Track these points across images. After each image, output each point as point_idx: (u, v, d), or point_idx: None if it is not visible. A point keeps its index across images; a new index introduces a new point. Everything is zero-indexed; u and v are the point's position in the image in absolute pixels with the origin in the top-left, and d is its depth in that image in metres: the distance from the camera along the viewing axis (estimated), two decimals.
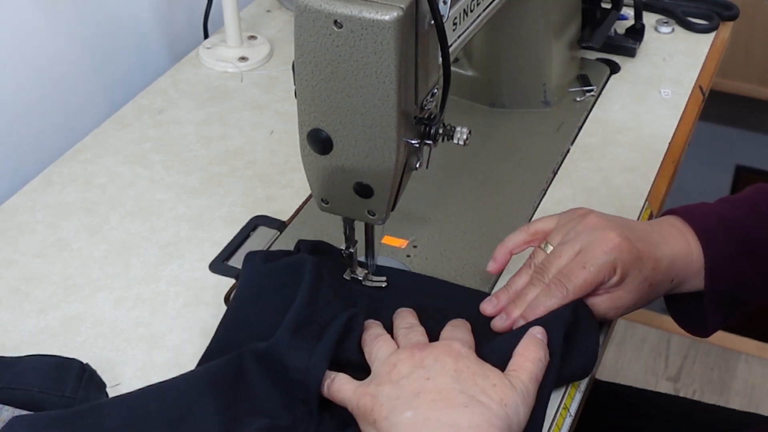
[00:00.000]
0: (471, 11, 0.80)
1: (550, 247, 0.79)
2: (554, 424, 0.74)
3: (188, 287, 0.87)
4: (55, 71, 1.07)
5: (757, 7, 2.23)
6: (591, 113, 1.10)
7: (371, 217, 0.77)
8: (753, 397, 2.13)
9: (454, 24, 0.77)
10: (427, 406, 0.66)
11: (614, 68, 1.18)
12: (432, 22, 0.68)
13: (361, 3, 0.65)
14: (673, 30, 1.26)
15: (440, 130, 0.75)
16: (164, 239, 0.93)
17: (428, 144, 0.75)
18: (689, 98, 1.13)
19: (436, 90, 0.74)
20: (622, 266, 0.76)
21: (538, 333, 0.74)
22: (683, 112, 1.11)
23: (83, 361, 0.76)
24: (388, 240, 0.90)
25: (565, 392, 0.77)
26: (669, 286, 0.80)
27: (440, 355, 0.70)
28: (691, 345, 2.24)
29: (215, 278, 0.88)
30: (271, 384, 0.74)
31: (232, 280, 0.88)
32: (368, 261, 0.84)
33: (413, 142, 0.73)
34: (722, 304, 0.82)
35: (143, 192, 0.99)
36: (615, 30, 1.20)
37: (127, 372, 0.79)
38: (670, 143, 1.06)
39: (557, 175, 1.01)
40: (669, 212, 0.84)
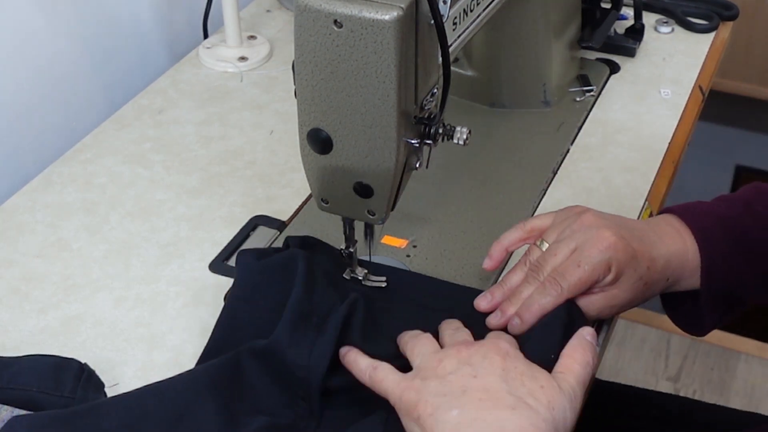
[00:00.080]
0: (471, 11, 0.80)
1: (546, 245, 0.79)
2: None
3: (188, 287, 0.87)
4: (55, 71, 1.07)
5: (757, 7, 2.23)
6: (591, 113, 1.10)
7: (371, 216, 0.77)
8: (753, 397, 2.13)
9: (454, 24, 0.77)
10: (474, 405, 0.65)
11: (614, 68, 1.18)
12: (432, 21, 0.68)
13: (361, 3, 0.65)
14: (672, 30, 1.26)
15: (440, 130, 0.75)
16: (164, 239, 0.93)
17: (428, 144, 0.75)
18: (689, 98, 1.13)
19: (436, 90, 0.74)
20: (617, 265, 0.76)
21: (587, 335, 0.73)
22: (683, 112, 1.11)
23: (82, 361, 0.76)
24: (388, 240, 0.90)
25: None
26: (664, 285, 0.80)
27: (488, 352, 0.69)
28: (691, 345, 2.23)
29: (215, 278, 0.88)
30: (270, 382, 0.74)
31: (232, 280, 0.88)
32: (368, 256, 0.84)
33: (413, 141, 0.73)
34: (718, 302, 0.81)
35: (143, 192, 0.99)
36: (615, 30, 1.20)
37: (127, 372, 0.79)
38: (669, 143, 1.06)
39: (557, 175, 1.01)
40: (666, 211, 0.84)
